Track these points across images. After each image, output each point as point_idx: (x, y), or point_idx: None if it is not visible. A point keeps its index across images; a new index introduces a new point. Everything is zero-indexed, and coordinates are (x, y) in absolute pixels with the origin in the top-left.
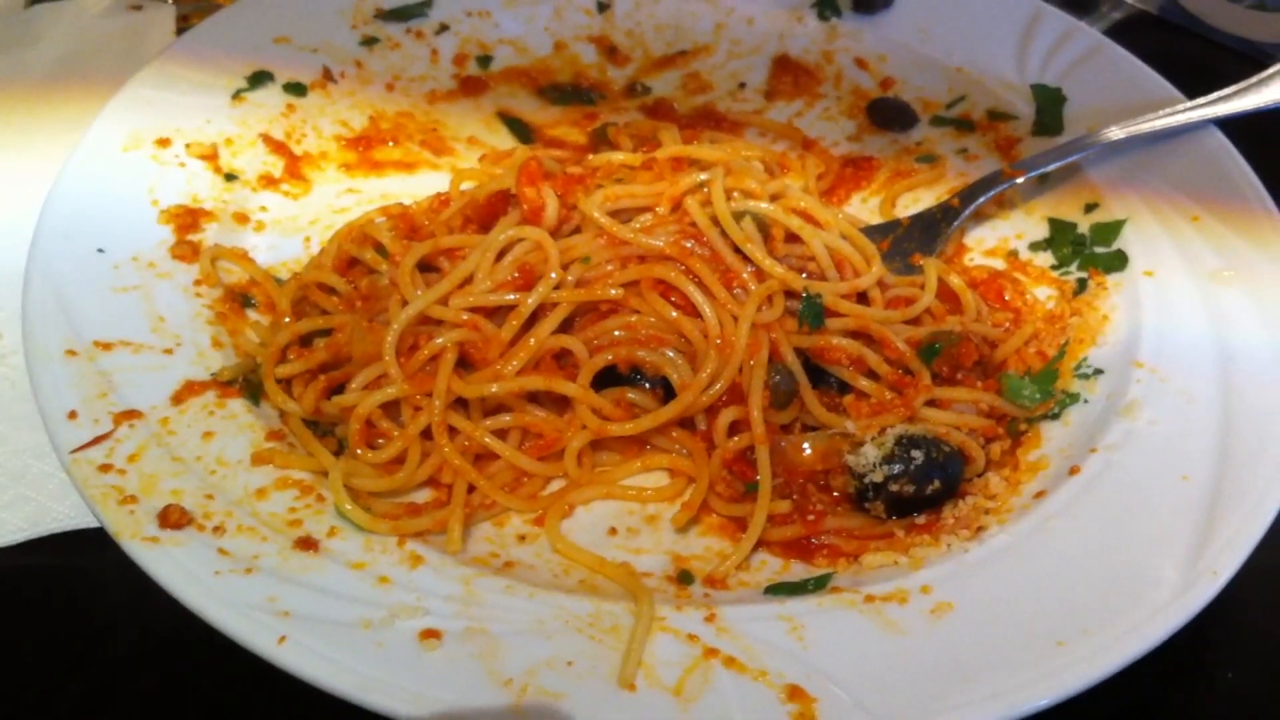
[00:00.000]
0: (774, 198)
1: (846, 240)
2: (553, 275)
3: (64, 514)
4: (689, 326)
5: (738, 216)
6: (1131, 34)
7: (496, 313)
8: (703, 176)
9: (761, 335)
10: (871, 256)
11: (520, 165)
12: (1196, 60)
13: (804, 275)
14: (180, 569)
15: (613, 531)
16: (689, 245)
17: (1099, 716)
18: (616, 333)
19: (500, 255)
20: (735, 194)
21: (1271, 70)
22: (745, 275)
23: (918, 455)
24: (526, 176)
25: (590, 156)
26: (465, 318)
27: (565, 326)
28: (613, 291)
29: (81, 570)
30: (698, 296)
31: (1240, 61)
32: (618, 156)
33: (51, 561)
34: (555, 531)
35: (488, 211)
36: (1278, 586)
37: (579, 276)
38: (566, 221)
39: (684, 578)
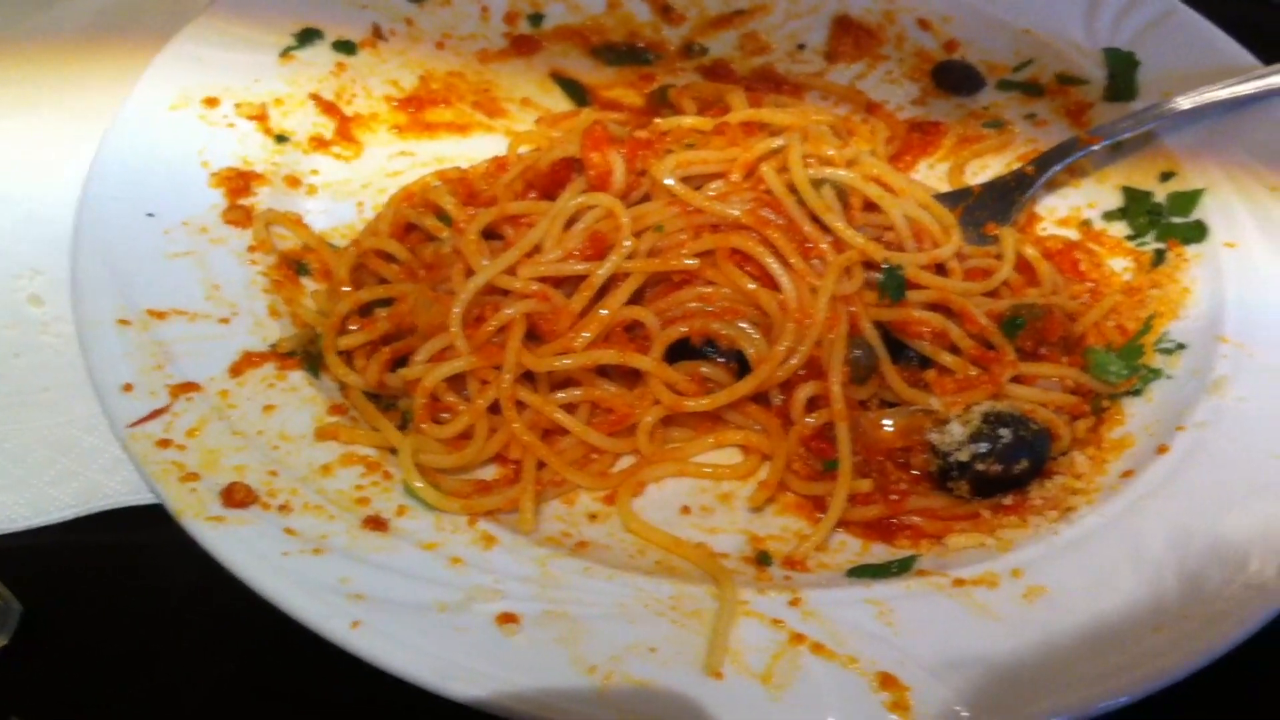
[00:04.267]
0: (849, 164)
1: (924, 209)
2: (626, 244)
3: (116, 490)
4: (766, 299)
5: (816, 184)
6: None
7: (565, 283)
8: (777, 142)
9: (841, 308)
10: (950, 226)
11: (585, 130)
12: (1259, 26)
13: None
14: (248, 550)
15: (685, 510)
16: (765, 214)
17: (1186, 698)
18: (691, 304)
19: (569, 223)
20: (811, 160)
21: None
22: (824, 245)
23: (1005, 434)
24: (592, 141)
25: (657, 120)
26: (534, 288)
27: (635, 298)
28: (688, 262)
29: (136, 548)
30: (775, 268)
31: None
32: (686, 121)
33: (103, 539)
34: (628, 510)
35: (550, 178)
36: None
37: (651, 246)
38: (634, 188)
39: (762, 559)
